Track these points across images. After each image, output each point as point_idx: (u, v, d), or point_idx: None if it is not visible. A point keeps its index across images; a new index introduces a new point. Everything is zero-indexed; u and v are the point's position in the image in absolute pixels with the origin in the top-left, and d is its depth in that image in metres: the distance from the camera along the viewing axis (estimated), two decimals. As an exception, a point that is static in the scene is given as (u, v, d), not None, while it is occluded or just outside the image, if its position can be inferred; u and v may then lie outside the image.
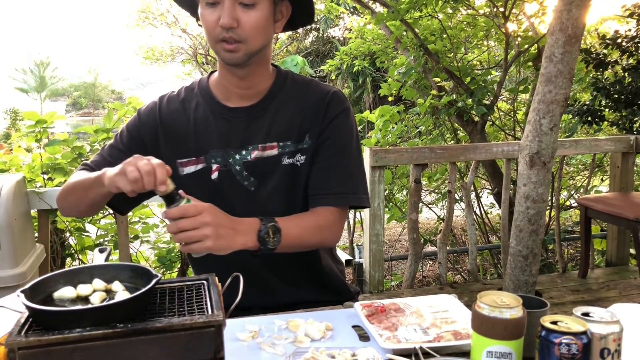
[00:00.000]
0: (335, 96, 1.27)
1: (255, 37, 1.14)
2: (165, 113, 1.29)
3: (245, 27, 1.12)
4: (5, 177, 2.36)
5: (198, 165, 1.26)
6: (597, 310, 0.84)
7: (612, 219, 2.96)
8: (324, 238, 1.24)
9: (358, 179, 1.28)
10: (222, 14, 1.10)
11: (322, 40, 16.38)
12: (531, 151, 2.21)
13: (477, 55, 4.92)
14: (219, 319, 0.77)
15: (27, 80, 32.62)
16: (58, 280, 0.86)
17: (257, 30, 1.14)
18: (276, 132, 1.24)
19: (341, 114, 1.26)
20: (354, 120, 1.31)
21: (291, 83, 1.29)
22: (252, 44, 1.15)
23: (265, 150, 1.24)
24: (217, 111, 1.26)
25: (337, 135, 1.26)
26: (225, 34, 1.12)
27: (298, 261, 1.29)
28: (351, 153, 1.28)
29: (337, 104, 1.27)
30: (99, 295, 0.83)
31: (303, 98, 1.26)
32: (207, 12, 1.13)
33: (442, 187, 4.89)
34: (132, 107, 3.09)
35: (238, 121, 1.25)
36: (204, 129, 1.26)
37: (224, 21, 1.10)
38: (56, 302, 0.82)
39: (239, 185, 1.25)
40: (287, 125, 1.24)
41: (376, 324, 1.06)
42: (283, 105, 1.25)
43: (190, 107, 1.29)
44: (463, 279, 4.29)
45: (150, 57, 15.85)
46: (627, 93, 3.75)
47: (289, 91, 1.27)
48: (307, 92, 1.27)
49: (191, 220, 0.98)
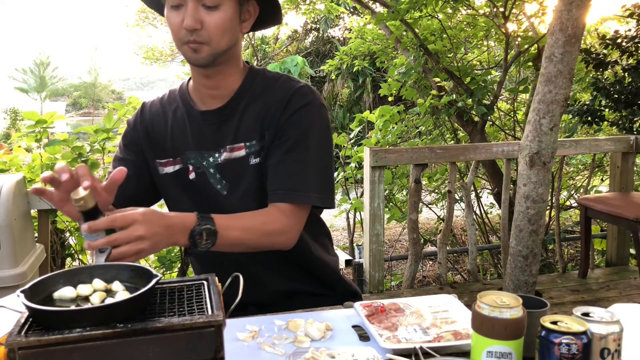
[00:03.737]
0: (298, 91, 1.22)
1: (220, 38, 1.14)
2: (147, 116, 1.34)
3: (209, 29, 1.12)
4: (5, 177, 2.36)
5: (176, 165, 1.29)
6: (597, 310, 0.84)
7: (612, 219, 2.96)
8: (274, 241, 1.17)
9: (313, 175, 1.20)
10: (185, 16, 1.11)
11: (322, 40, 16.37)
12: (531, 151, 2.21)
13: (477, 55, 4.92)
14: (219, 319, 0.77)
15: (27, 80, 32.61)
16: (58, 280, 0.86)
17: (221, 31, 1.14)
18: (243, 132, 1.23)
19: (302, 108, 1.21)
20: (319, 115, 1.23)
21: (260, 81, 1.26)
22: (217, 45, 1.15)
23: (234, 151, 1.23)
24: (191, 115, 1.28)
25: (294, 129, 1.20)
26: (190, 37, 1.12)
27: (286, 252, 1.27)
28: (308, 148, 1.20)
29: (299, 98, 1.21)
30: (99, 295, 0.83)
31: (269, 95, 1.23)
32: (172, 15, 1.14)
33: (442, 187, 4.89)
34: (132, 107, 3.09)
35: (209, 124, 1.25)
36: (179, 132, 1.28)
37: (187, 23, 1.10)
38: (56, 302, 0.82)
39: (212, 189, 1.26)
40: (252, 125, 1.23)
41: (376, 324, 1.06)
42: (250, 105, 1.24)
43: (169, 110, 1.31)
44: (463, 279, 4.30)
45: (151, 57, 15.85)
46: (627, 93, 3.76)
47: (257, 90, 1.25)
48: (273, 89, 1.24)
49: (124, 234, 0.93)
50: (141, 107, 1.37)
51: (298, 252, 1.28)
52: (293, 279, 1.33)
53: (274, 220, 1.16)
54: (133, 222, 0.94)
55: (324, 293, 1.35)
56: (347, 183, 4.32)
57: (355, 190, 4.40)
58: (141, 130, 1.33)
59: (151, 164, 1.32)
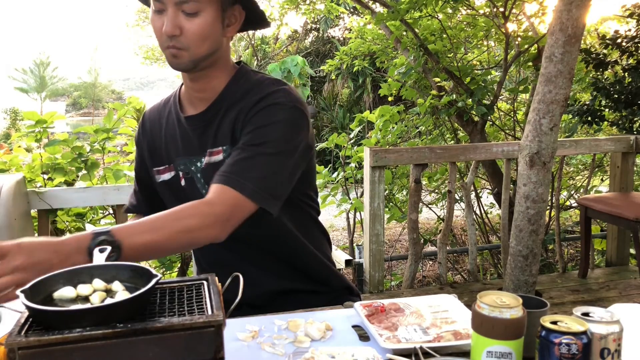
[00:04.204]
0: (273, 93, 1.18)
1: (199, 44, 1.14)
2: (147, 123, 1.38)
3: (188, 35, 1.13)
4: (5, 177, 2.36)
5: (171, 172, 1.31)
6: (597, 310, 0.84)
7: (612, 219, 2.96)
8: (196, 236, 1.04)
9: (259, 170, 1.11)
10: (165, 21, 1.12)
11: (322, 40, 16.37)
12: (531, 151, 2.21)
13: (477, 55, 4.92)
14: (219, 319, 0.77)
15: (27, 80, 32.60)
16: (58, 280, 0.86)
17: (201, 38, 1.14)
18: (221, 137, 1.23)
19: (270, 106, 1.16)
20: (287, 116, 1.16)
21: (243, 84, 1.24)
22: (196, 51, 1.14)
23: (212, 155, 1.23)
24: (179, 120, 1.29)
25: (253, 125, 1.15)
26: (170, 42, 1.13)
27: (276, 249, 1.29)
28: (265, 144, 1.13)
29: (270, 99, 1.17)
30: (99, 295, 0.83)
31: (247, 100, 1.20)
32: (155, 19, 1.15)
33: (442, 187, 4.89)
34: (132, 107, 3.09)
35: (193, 129, 1.26)
36: (171, 138, 1.31)
37: (166, 29, 1.11)
38: (56, 302, 0.82)
39: (199, 194, 1.26)
40: (228, 129, 1.22)
41: (376, 324, 1.06)
42: (230, 108, 1.22)
43: (164, 115, 1.34)
44: (463, 279, 4.30)
45: (150, 57, 15.86)
46: (627, 93, 3.76)
47: (237, 93, 1.23)
48: (251, 93, 1.21)
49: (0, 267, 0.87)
50: (142, 117, 1.41)
51: (289, 249, 1.29)
52: (285, 277, 1.32)
53: (191, 215, 1.04)
54: (7, 254, 0.88)
55: (318, 290, 1.35)
56: (347, 183, 4.32)
57: (355, 190, 4.40)
58: (144, 141, 1.37)
59: (151, 173, 1.36)
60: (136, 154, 1.43)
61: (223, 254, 1.27)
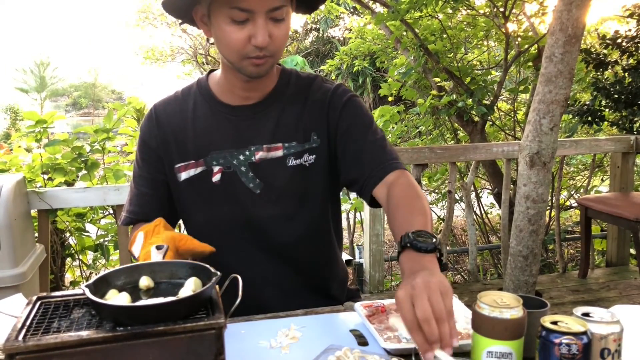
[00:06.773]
0: (337, 89, 1.25)
1: (283, 48, 1.14)
2: (163, 118, 1.26)
3: (277, 42, 1.10)
4: (5, 177, 2.36)
5: (197, 168, 1.23)
6: (597, 311, 0.84)
7: (612, 219, 2.96)
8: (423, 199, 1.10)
9: (391, 149, 1.23)
10: (255, 32, 1.06)
11: (322, 40, 16.38)
12: (531, 151, 2.21)
13: (477, 55, 4.92)
14: (220, 321, 0.77)
15: (27, 80, 32.59)
16: (119, 276, 0.87)
17: (285, 42, 1.13)
18: (281, 133, 1.21)
19: (349, 100, 1.23)
20: (364, 105, 1.27)
21: (295, 81, 1.26)
22: (279, 55, 1.14)
23: (270, 151, 1.21)
24: (218, 110, 1.23)
25: (354, 118, 1.22)
26: (259, 52, 1.09)
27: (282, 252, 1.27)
28: (375, 130, 1.23)
29: (341, 94, 1.24)
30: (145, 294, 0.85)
31: (307, 96, 1.24)
32: (234, 30, 1.07)
33: (442, 187, 4.89)
34: (132, 107, 3.09)
35: (240, 120, 1.22)
36: (204, 128, 1.23)
37: (261, 41, 1.06)
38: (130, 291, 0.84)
39: (244, 187, 1.22)
40: (292, 125, 1.22)
41: (376, 324, 1.06)
42: (289, 105, 1.23)
43: (188, 108, 1.25)
44: (463, 279, 4.29)
45: (150, 57, 15.85)
46: (627, 93, 3.76)
47: (294, 90, 1.25)
48: (310, 90, 1.24)
49: None
50: (154, 111, 1.28)
51: (294, 251, 1.27)
52: (289, 278, 1.30)
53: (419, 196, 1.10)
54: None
55: (323, 292, 1.34)
56: (347, 183, 4.31)
57: (355, 190, 4.38)
58: (158, 135, 1.25)
59: (168, 171, 1.25)
60: (143, 153, 1.28)
61: (227, 258, 1.21)
